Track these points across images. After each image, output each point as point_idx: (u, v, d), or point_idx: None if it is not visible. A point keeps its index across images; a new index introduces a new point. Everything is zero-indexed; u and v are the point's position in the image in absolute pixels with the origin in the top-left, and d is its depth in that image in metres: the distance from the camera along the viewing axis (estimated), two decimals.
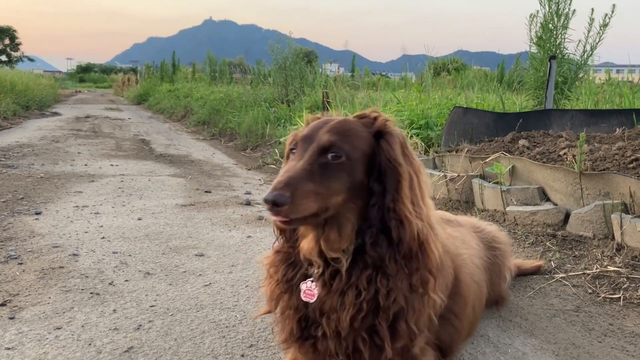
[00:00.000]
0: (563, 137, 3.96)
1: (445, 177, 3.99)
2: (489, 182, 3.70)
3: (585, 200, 3.01)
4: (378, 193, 1.31)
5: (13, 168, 5.31)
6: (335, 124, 1.34)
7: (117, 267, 2.67)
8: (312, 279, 1.39)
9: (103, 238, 3.14)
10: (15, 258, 2.72)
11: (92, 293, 2.33)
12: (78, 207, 3.88)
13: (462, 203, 3.89)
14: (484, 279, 1.93)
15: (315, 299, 1.37)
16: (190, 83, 18.25)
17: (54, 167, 5.58)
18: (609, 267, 2.57)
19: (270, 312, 1.54)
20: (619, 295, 2.36)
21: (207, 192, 4.66)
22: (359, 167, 1.30)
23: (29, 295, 2.27)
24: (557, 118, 4.54)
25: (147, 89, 21.67)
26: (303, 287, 1.40)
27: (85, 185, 4.70)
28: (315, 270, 1.37)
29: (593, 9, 5.51)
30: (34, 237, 3.10)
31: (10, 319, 2.04)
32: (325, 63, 14.34)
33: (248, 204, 4.21)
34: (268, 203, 1.17)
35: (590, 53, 5.69)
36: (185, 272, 2.64)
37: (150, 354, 1.81)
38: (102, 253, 2.87)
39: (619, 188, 2.80)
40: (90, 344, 1.86)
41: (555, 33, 5.64)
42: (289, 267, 1.45)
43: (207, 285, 2.46)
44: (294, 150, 1.35)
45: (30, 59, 63.20)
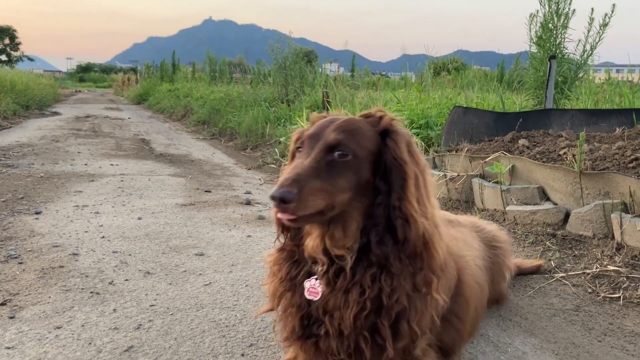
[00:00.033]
0: (563, 136, 3.96)
1: (445, 176, 3.99)
2: (489, 181, 3.70)
3: (585, 200, 3.02)
4: (384, 192, 1.32)
5: (13, 167, 5.31)
6: (342, 123, 1.34)
7: (117, 266, 2.67)
8: (316, 277, 1.39)
9: (103, 237, 3.14)
10: (15, 257, 2.72)
11: (92, 292, 2.33)
12: (78, 206, 3.88)
13: (462, 202, 3.89)
14: (486, 279, 1.93)
15: (319, 297, 1.37)
16: (190, 83, 18.25)
17: (54, 166, 5.58)
18: (609, 266, 2.57)
19: (272, 310, 1.54)
20: (619, 295, 2.36)
21: (207, 191, 4.66)
22: (365, 165, 1.30)
23: (29, 295, 2.27)
24: (557, 118, 4.54)
25: (147, 89, 21.66)
26: (307, 284, 1.40)
27: (85, 185, 4.70)
28: (320, 268, 1.37)
29: (593, 9, 5.51)
30: (34, 236, 3.10)
31: (11, 319, 2.04)
32: (325, 63, 14.34)
33: (248, 204, 4.21)
34: (275, 200, 1.17)
35: (590, 53, 5.68)
36: (185, 271, 2.64)
37: (151, 353, 1.81)
38: (102, 252, 2.87)
39: (619, 187, 2.80)
40: (91, 343, 1.87)
41: (555, 33, 5.63)
42: (293, 264, 1.45)
43: (207, 285, 2.47)
44: (300, 149, 1.35)
45: (30, 59, 63.18)
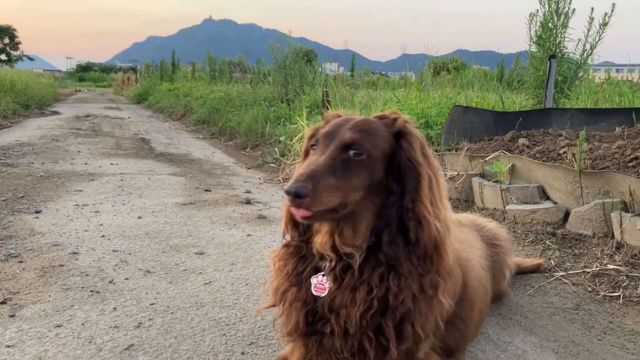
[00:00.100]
0: (563, 135, 3.96)
1: (445, 175, 3.99)
2: (489, 180, 3.70)
3: (585, 199, 3.02)
4: (397, 193, 1.33)
5: (13, 167, 5.31)
6: (358, 122, 1.35)
7: (117, 265, 2.67)
8: (323, 273, 1.39)
9: (103, 236, 3.14)
10: (16, 256, 2.73)
11: (92, 291, 2.33)
12: (78, 205, 3.88)
13: (461, 202, 3.89)
14: (489, 280, 1.93)
15: (326, 293, 1.37)
16: (190, 82, 18.24)
17: (54, 165, 5.58)
18: (609, 265, 2.57)
19: (275, 305, 1.53)
20: (619, 294, 2.36)
21: (207, 190, 4.66)
22: (379, 165, 1.32)
23: (29, 294, 2.28)
24: (556, 117, 4.55)
25: (146, 88, 21.66)
26: (314, 280, 1.40)
27: (85, 184, 4.70)
28: (327, 264, 1.37)
29: (593, 8, 5.51)
30: (34, 235, 3.10)
31: (11, 317, 2.04)
32: (325, 62, 14.35)
33: (248, 203, 4.21)
34: (290, 195, 1.19)
35: (590, 52, 5.69)
36: (186, 270, 2.64)
37: (151, 352, 1.81)
38: (102, 251, 2.87)
39: (619, 186, 2.81)
40: (91, 342, 1.87)
41: (555, 32, 5.64)
42: (300, 260, 1.45)
43: (207, 284, 2.47)
44: (315, 146, 1.36)
45: (30, 58, 63.17)
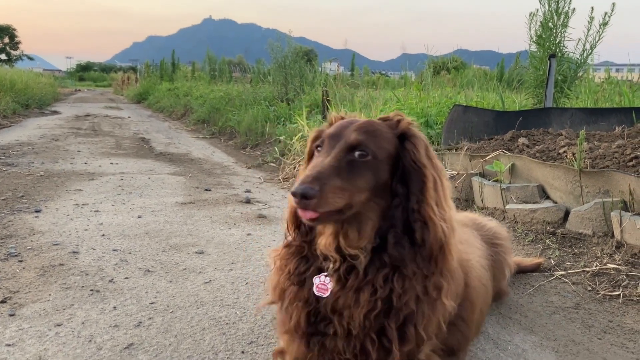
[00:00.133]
0: (563, 135, 3.96)
1: None
2: (489, 180, 3.70)
3: (585, 198, 3.02)
4: (401, 194, 1.33)
5: (13, 166, 5.31)
6: (363, 124, 1.36)
7: (117, 264, 2.67)
8: (326, 273, 1.39)
9: (103, 236, 3.14)
10: (15, 255, 2.73)
11: (92, 290, 2.33)
12: (78, 205, 3.88)
13: (461, 201, 3.89)
14: (490, 279, 1.93)
15: (329, 294, 1.37)
16: (190, 82, 18.24)
17: (54, 165, 5.58)
18: (609, 264, 2.57)
19: (274, 303, 1.53)
20: (619, 293, 2.37)
21: (207, 190, 4.66)
22: (384, 167, 1.32)
23: (29, 293, 2.28)
24: (556, 116, 4.55)
25: (146, 88, 21.66)
26: (316, 280, 1.40)
27: (85, 184, 4.70)
28: (331, 265, 1.37)
29: (593, 8, 5.51)
30: (34, 234, 3.10)
31: (11, 316, 2.04)
32: (325, 62, 14.35)
33: (248, 202, 4.21)
34: (297, 196, 1.18)
35: (590, 52, 5.69)
36: (185, 269, 2.64)
37: (151, 351, 1.81)
38: (102, 250, 2.87)
39: (619, 186, 2.81)
40: (91, 341, 1.87)
41: (555, 32, 5.64)
42: (301, 260, 1.45)
43: (207, 283, 2.47)
44: (320, 147, 1.36)
45: (30, 58, 63.17)
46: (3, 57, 53.95)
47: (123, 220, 3.50)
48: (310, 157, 1.46)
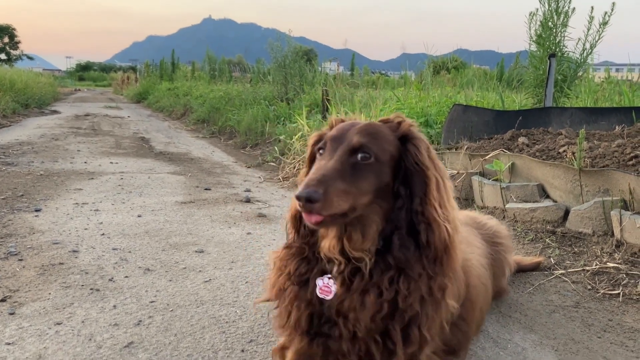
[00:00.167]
0: (562, 134, 3.96)
1: None
2: (489, 179, 3.70)
3: (585, 197, 3.02)
4: (404, 196, 1.33)
5: (13, 165, 5.31)
6: (364, 126, 1.36)
7: (117, 263, 2.67)
8: (329, 275, 1.38)
9: (103, 235, 3.14)
10: (15, 254, 2.73)
11: (92, 289, 2.33)
12: (78, 204, 3.88)
13: (461, 200, 3.89)
14: (489, 278, 1.93)
15: (333, 296, 1.37)
16: (190, 81, 18.23)
17: (54, 164, 5.58)
18: (609, 263, 2.57)
19: (270, 300, 1.53)
20: (618, 292, 2.37)
21: (206, 189, 4.66)
22: (386, 169, 1.32)
23: (29, 291, 2.28)
24: (556, 116, 4.55)
25: (146, 88, 21.65)
26: (319, 282, 1.39)
27: (85, 183, 4.70)
28: (335, 268, 1.37)
29: (593, 7, 5.52)
30: (34, 233, 3.10)
31: (11, 315, 2.04)
32: (325, 61, 14.34)
33: (248, 201, 4.21)
34: (301, 200, 1.18)
35: (590, 51, 5.69)
36: (185, 268, 2.64)
37: (150, 349, 1.81)
38: (102, 249, 2.87)
39: (619, 185, 2.81)
40: (91, 339, 1.87)
41: (555, 31, 5.64)
42: (302, 261, 1.44)
43: (207, 282, 2.47)
44: (321, 150, 1.36)
45: (30, 58, 63.15)
46: (3, 56, 53.95)
47: (123, 220, 3.50)
48: (311, 160, 1.46)
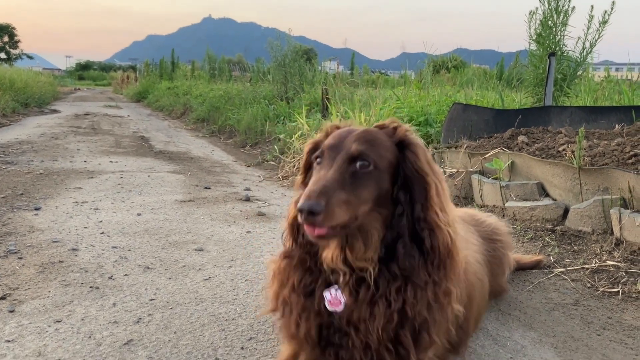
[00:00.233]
0: (562, 133, 3.96)
1: (445, 173, 3.99)
2: (488, 178, 3.70)
3: (584, 196, 3.02)
4: (404, 202, 1.32)
5: (12, 164, 5.31)
6: (362, 133, 1.34)
7: (116, 261, 2.67)
8: (336, 287, 1.37)
9: (102, 233, 3.14)
10: (15, 252, 2.73)
11: (91, 287, 2.33)
12: (77, 202, 3.88)
13: (461, 199, 3.89)
14: (486, 274, 1.93)
15: (342, 307, 1.36)
16: (190, 81, 18.22)
17: (53, 163, 5.57)
18: (608, 261, 2.57)
19: (274, 311, 1.51)
20: (618, 289, 2.37)
21: (206, 188, 4.66)
22: (385, 176, 1.31)
23: (29, 289, 2.28)
24: (556, 115, 4.55)
25: (146, 87, 21.64)
26: (327, 295, 1.37)
27: (85, 182, 4.70)
28: (341, 279, 1.36)
29: (592, 6, 5.52)
30: (34, 232, 3.10)
31: (10, 312, 2.04)
32: (325, 61, 14.34)
33: (247, 200, 4.21)
34: (303, 212, 1.16)
35: (590, 50, 5.70)
36: (185, 266, 2.64)
37: (150, 347, 1.81)
38: (101, 248, 2.87)
39: (618, 183, 2.81)
40: (90, 337, 1.87)
41: (555, 30, 5.64)
42: (305, 272, 1.43)
43: (206, 280, 2.47)
44: (319, 159, 1.34)
45: (30, 57, 63.16)
46: (2, 56, 53.96)
47: (122, 218, 3.50)
48: (307, 168, 1.44)
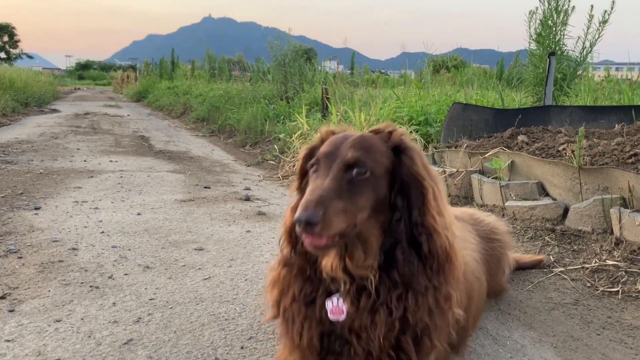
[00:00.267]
0: (562, 132, 3.96)
1: (445, 172, 3.99)
2: (488, 177, 3.70)
3: (584, 195, 3.02)
4: (402, 207, 1.31)
5: (12, 164, 5.31)
6: (357, 140, 1.33)
7: (116, 261, 2.67)
8: (338, 295, 1.36)
9: (102, 232, 3.14)
10: (15, 252, 2.73)
11: (91, 286, 2.33)
12: (77, 202, 3.88)
13: (461, 198, 3.89)
14: (483, 272, 1.94)
15: (345, 316, 1.35)
16: (190, 80, 18.21)
17: (53, 163, 5.57)
18: (608, 261, 2.57)
19: (276, 317, 1.50)
20: (618, 289, 2.37)
21: (206, 187, 4.66)
22: (382, 182, 1.30)
23: (29, 289, 2.28)
24: (556, 114, 4.55)
25: (146, 86, 21.64)
26: (329, 305, 1.36)
27: (85, 181, 4.70)
28: (342, 287, 1.35)
29: (592, 6, 5.52)
30: (34, 231, 3.10)
31: (10, 312, 2.04)
32: (325, 60, 14.32)
33: (247, 200, 4.21)
34: (301, 223, 1.15)
35: (590, 50, 5.70)
36: (185, 266, 2.64)
37: (150, 346, 1.81)
38: (101, 247, 2.87)
39: (618, 182, 2.81)
40: (90, 336, 1.87)
41: (555, 30, 5.64)
42: (306, 281, 1.42)
43: (206, 279, 2.47)
44: (315, 167, 1.33)
45: (29, 56, 63.17)
46: (2, 55, 53.95)
47: (122, 218, 3.50)
48: (302, 175, 1.43)
